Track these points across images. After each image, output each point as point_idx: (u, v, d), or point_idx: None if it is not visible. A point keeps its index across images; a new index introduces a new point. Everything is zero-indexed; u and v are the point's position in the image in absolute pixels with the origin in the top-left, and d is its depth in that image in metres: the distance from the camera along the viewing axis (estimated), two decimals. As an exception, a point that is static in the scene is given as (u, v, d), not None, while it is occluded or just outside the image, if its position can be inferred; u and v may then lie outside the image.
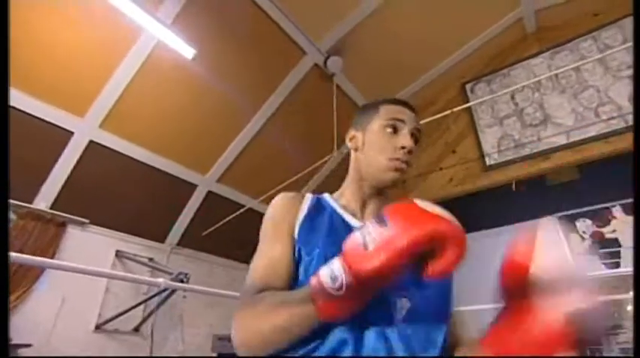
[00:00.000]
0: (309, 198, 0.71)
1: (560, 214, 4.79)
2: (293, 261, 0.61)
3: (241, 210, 3.50)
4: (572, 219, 4.72)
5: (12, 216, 2.63)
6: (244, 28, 2.88)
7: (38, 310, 2.58)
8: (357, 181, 0.73)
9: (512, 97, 3.31)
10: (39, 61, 2.46)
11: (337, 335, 0.52)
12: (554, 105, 3.07)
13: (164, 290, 2.80)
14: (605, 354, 3.10)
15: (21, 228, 2.61)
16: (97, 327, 2.83)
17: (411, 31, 3.25)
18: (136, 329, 3.02)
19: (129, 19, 2.25)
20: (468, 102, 3.46)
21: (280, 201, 0.70)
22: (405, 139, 0.67)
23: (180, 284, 1.98)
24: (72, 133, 2.72)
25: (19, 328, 2.43)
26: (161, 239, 3.49)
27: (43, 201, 2.76)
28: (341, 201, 0.72)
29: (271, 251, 0.62)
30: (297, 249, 0.62)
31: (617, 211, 3.99)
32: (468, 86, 3.62)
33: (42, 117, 2.60)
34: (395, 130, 0.69)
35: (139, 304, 2.82)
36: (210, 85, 3.05)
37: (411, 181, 3.75)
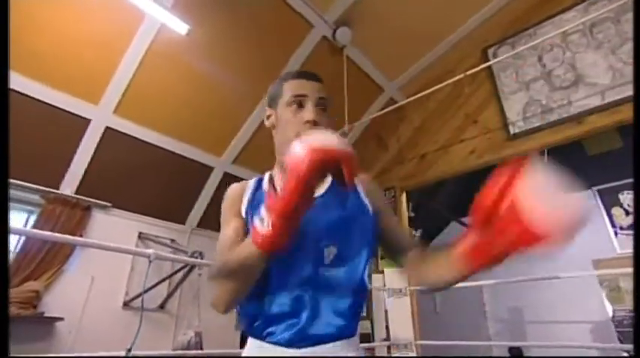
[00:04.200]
0: (252, 182, 0.82)
1: (601, 187, 4.43)
2: (245, 234, 0.72)
3: (257, 191, 3.52)
4: (615, 192, 4.36)
5: (41, 201, 2.80)
6: (247, 4, 2.81)
7: (70, 288, 2.77)
8: (278, 156, 0.79)
9: (540, 59, 3.01)
10: (54, 52, 2.55)
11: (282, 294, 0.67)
12: (588, 64, 2.75)
13: (182, 267, 2.91)
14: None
15: (50, 213, 2.78)
16: (125, 304, 3.00)
17: (425, -7, 3.04)
18: (161, 306, 3.17)
19: (130, 2, 2.26)
20: (490, 68, 3.21)
21: (228, 191, 0.83)
22: (308, 113, 0.73)
23: (172, 256, 2.03)
24: (89, 120, 2.83)
25: (53, 304, 2.63)
26: (182, 221, 3.60)
27: (68, 187, 2.91)
28: (273, 175, 0.82)
29: (227, 230, 0.74)
30: (248, 225, 0.73)
31: (666, 180, 3.57)
32: (490, 51, 3.34)
33: (60, 106, 2.71)
34: (300, 105, 0.74)
35: (160, 282, 2.96)
36: (217, 66, 3.04)
37: (431, 155, 3.59)
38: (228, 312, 0.66)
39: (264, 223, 0.56)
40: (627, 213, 4.21)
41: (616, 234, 4.20)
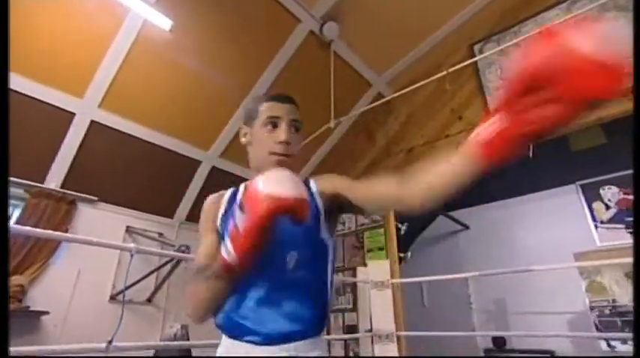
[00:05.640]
0: (228, 194, 0.89)
1: (584, 182, 4.54)
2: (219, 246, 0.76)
3: (245, 185, 3.54)
4: (596, 187, 4.47)
5: (25, 195, 2.79)
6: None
7: (56, 282, 2.77)
8: (254, 171, 0.85)
9: (524, 56, 3.05)
10: (36, 45, 2.51)
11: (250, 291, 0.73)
12: (570, 62, 2.80)
13: (169, 261, 2.93)
14: None
15: (34, 207, 2.77)
16: (112, 297, 3.01)
17: (412, -11, 3.05)
18: (149, 300, 3.19)
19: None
20: (476, 64, 3.25)
21: (205, 205, 0.89)
22: (282, 134, 0.79)
23: (154, 250, 2.05)
24: (73, 114, 2.81)
25: (38, 298, 2.63)
26: (170, 215, 3.61)
27: (53, 181, 2.90)
28: (247, 187, 0.86)
29: (205, 240, 0.81)
30: (223, 235, 0.76)
31: (645, 175, 3.67)
32: (476, 47, 3.37)
33: (44, 99, 2.68)
34: (274, 126, 0.81)
35: (146, 276, 2.98)
36: (204, 61, 3.02)
37: (417, 150, 3.63)
38: (202, 322, 0.75)
39: (229, 255, 0.63)
40: (607, 207, 4.32)
41: (596, 227, 4.32)
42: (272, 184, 0.60)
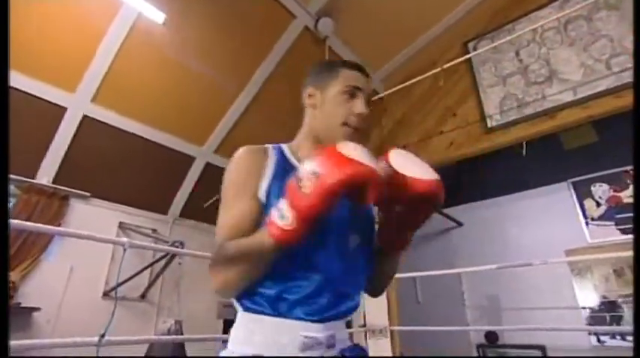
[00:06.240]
0: (273, 151, 0.75)
1: (575, 179, 4.60)
2: (259, 217, 0.66)
3: (239, 181, 3.53)
4: (588, 184, 4.53)
5: (16, 190, 2.75)
6: (228, -8, 2.78)
7: (48, 278, 2.75)
8: (313, 137, 0.78)
9: (517, 54, 3.08)
10: (26, 38, 2.47)
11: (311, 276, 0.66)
12: (562, 60, 2.84)
13: (163, 256, 2.92)
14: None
15: (25, 202, 2.74)
16: (105, 294, 2.99)
17: (407, -14, 3.05)
18: (143, 296, 3.18)
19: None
20: (470, 61, 3.27)
21: (244, 158, 0.72)
22: (360, 106, 0.74)
23: (147, 244, 2.04)
24: (65, 109, 2.77)
25: (30, 294, 2.61)
26: (164, 211, 3.59)
27: (44, 176, 2.87)
28: (300, 155, 0.77)
29: (236, 209, 0.67)
30: (265, 206, 0.67)
31: (635, 173, 3.74)
32: (470, 44, 3.39)
33: (35, 94, 2.65)
34: (351, 96, 0.75)
35: (139, 272, 2.96)
36: (198, 56, 3.00)
37: (411, 147, 3.65)
38: (234, 296, 0.67)
39: (283, 218, 0.55)
40: (598, 204, 4.39)
41: (587, 224, 4.38)
42: (353, 151, 0.55)
